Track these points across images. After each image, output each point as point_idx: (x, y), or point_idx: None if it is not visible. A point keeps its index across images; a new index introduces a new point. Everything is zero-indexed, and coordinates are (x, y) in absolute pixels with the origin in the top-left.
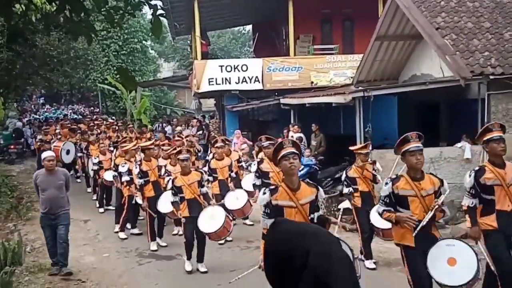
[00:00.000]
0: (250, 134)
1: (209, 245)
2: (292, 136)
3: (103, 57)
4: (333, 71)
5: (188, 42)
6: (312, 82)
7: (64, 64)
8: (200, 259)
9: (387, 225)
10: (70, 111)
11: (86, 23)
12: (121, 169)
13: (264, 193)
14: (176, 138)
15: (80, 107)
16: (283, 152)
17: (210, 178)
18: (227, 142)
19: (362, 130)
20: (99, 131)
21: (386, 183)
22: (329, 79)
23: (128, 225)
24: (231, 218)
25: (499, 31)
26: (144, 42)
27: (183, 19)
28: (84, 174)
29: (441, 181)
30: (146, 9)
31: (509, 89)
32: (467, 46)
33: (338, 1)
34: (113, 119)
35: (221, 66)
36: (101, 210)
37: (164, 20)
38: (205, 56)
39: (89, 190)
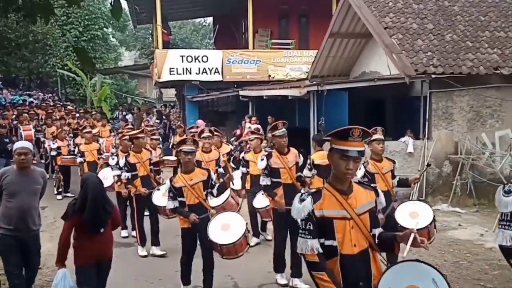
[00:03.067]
0: (210, 125)
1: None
2: (249, 127)
3: (63, 42)
4: (289, 66)
5: (150, 31)
6: (269, 76)
7: (22, 47)
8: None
9: None
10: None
11: (44, 2)
12: (111, 161)
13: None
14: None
15: (40, 94)
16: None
17: None
18: (216, 133)
19: (316, 122)
20: (57, 116)
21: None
22: (285, 73)
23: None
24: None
25: (441, 33)
26: (105, 29)
27: (145, 7)
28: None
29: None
30: None
31: (448, 88)
32: (412, 46)
33: None
34: (72, 107)
35: (182, 56)
36: (59, 197)
37: (125, 8)
38: (167, 45)
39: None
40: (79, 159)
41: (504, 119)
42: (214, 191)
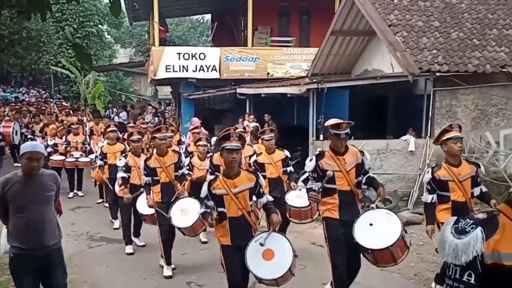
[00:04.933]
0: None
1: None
2: (247, 125)
3: (56, 39)
4: (289, 63)
5: (146, 28)
6: (268, 73)
7: (16, 44)
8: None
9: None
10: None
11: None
12: (118, 162)
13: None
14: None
15: (32, 91)
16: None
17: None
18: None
19: (315, 121)
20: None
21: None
22: (285, 70)
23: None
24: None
25: (447, 31)
26: (100, 26)
27: (142, 3)
28: None
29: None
30: None
31: (453, 86)
32: (416, 43)
33: None
34: (62, 103)
35: (179, 54)
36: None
37: (122, 5)
38: (163, 42)
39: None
40: (99, 162)
41: (509, 117)
42: (263, 201)
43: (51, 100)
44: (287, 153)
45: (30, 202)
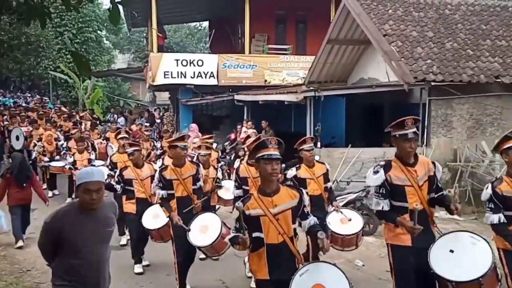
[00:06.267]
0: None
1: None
2: (245, 132)
3: (55, 45)
4: (286, 71)
5: (144, 34)
6: (265, 80)
7: (15, 49)
8: None
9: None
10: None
11: (41, 5)
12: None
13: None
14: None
15: (29, 97)
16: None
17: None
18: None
19: (312, 128)
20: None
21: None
22: (282, 78)
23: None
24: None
25: (441, 41)
26: (99, 32)
27: (140, 10)
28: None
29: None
30: None
31: (448, 96)
32: (411, 53)
33: (293, 3)
34: (61, 108)
35: (177, 60)
36: (49, 194)
37: (120, 11)
38: (161, 49)
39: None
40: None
41: (504, 127)
42: (308, 223)
43: (47, 105)
44: (327, 166)
45: (87, 242)
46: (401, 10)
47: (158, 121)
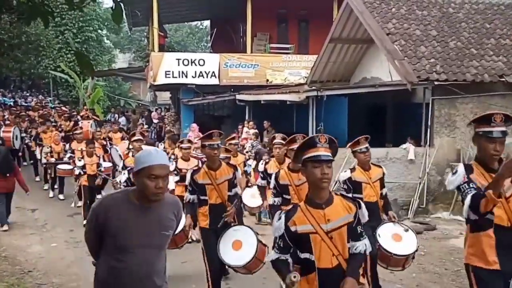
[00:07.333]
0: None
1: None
2: (247, 132)
3: (56, 44)
4: (288, 70)
5: (145, 33)
6: (267, 80)
7: (15, 48)
8: None
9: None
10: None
11: (43, 4)
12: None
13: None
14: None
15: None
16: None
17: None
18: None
19: (315, 128)
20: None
21: None
22: (284, 77)
23: None
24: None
25: (444, 40)
26: (99, 31)
27: (141, 9)
28: (31, 162)
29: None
30: None
31: (451, 95)
32: (414, 52)
33: (295, 1)
34: (61, 108)
35: (178, 60)
36: (51, 194)
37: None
38: (162, 48)
39: (37, 179)
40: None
41: (509, 127)
42: (355, 248)
43: (48, 104)
44: (384, 170)
45: (139, 243)
46: (405, 8)
47: (156, 121)
